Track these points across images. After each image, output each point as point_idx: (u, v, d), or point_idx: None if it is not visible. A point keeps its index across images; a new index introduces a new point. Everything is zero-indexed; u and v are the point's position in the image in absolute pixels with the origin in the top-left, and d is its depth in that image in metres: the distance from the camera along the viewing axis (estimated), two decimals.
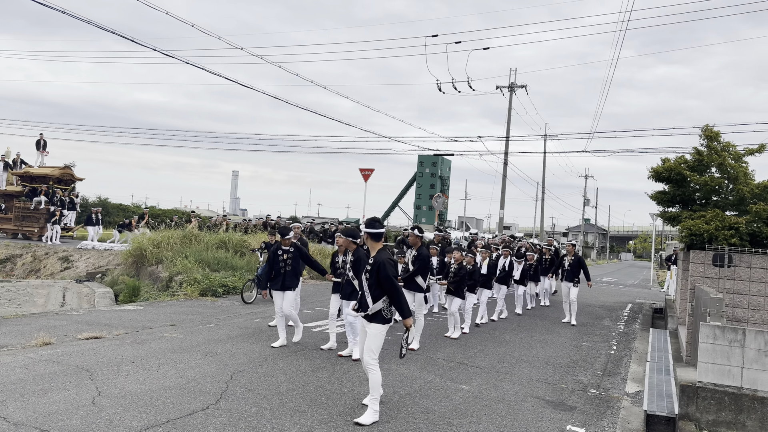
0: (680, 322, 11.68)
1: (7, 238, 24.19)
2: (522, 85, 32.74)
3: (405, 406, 6.06)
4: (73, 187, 26.12)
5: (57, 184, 24.84)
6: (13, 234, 24.68)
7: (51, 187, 24.39)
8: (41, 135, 26.17)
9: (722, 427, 6.12)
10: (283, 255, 8.44)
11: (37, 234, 23.69)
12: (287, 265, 8.38)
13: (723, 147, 12.50)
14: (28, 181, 25.11)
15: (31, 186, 24.90)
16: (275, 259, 8.45)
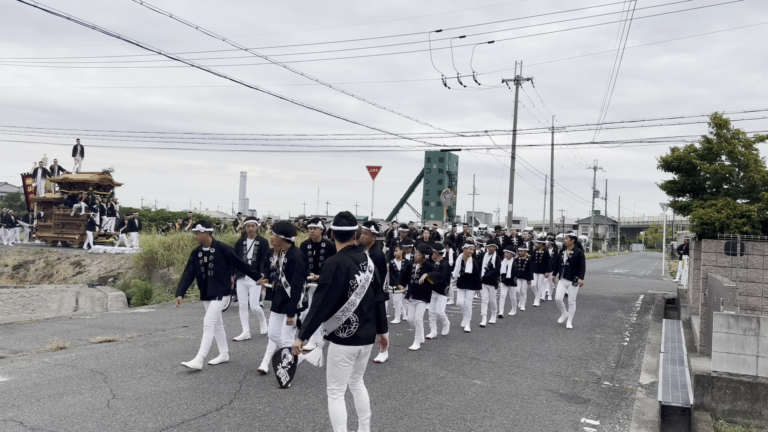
0: (693, 312, 11.60)
1: (47, 245, 23.73)
2: (528, 78, 32.60)
3: (418, 402, 6.06)
4: (112, 193, 25.67)
5: (96, 190, 24.45)
6: (53, 242, 24.17)
7: (91, 193, 23.96)
8: (78, 141, 25.68)
9: (738, 416, 6.08)
10: (203, 258, 7.13)
11: (78, 241, 23.16)
12: (209, 269, 7.08)
13: (733, 134, 12.39)
14: (67, 188, 24.64)
15: (70, 192, 24.42)
16: (195, 264, 7.14)
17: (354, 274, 4.30)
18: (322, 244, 8.03)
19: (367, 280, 4.39)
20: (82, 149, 25.71)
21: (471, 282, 10.10)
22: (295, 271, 6.39)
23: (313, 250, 8.05)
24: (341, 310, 4.26)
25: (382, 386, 6.55)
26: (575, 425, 5.61)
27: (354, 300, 4.29)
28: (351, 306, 4.29)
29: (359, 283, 4.32)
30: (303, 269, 6.47)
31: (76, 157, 25.52)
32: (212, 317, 6.98)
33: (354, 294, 4.30)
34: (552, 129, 40.06)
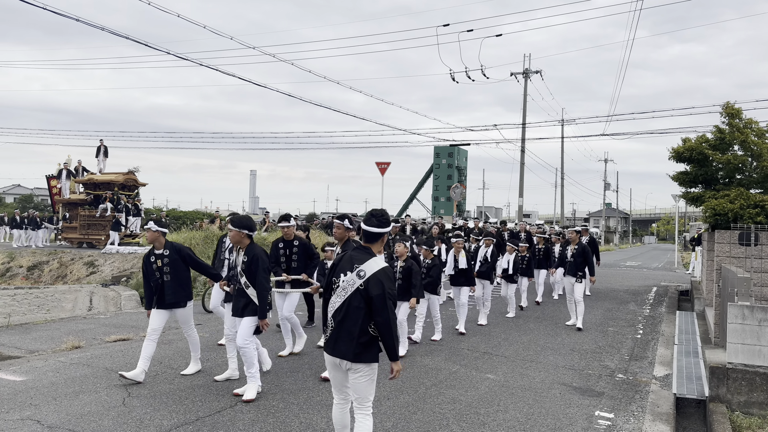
0: (707, 304, 11.52)
1: (73, 247, 23.64)
2: (537, 71, 32.45)
3: (431, 396, 6.07)
4: (137, 193, 25.37)
5: (121, 190, 24.12)
6: (79, 243, 24.01)
7: (116, 193, 23.59)
8: (101, 141, 25.32)
9: (755, 407, 6.03)
10: (156, 261, 6.40)
11: (104, 242, 22.90)
12: (164, 273, 6.34)
13: (745, 124, 12.27)
14: (91, 189, 24.31)
15: (95, 193, 24.11)
16: (148, 269, 6.45)
17: (340, 273, 3.86)
18: (295, 242, 7.57)
19: (351, 284, 3.80)
20: (105, 150, 25.37)
21: (465, 278, 9.46)
22: (259, 269, 5.77)
23: (285, 248, 7.58)
24: (327, 309, 3.95)
25: (394, 381, 6.56)
26: (589, 418, 5.59)
27: (334, 301, 3.87)
28: (330, 307, 3.90)
29: (340, 284, 3.85)
30: (267, 266, 5.89)
31: (100, 157, 25.18)
32: (188, 322, 6.59)
33: (335, 295, 3.88)
34: (562, 122, 39.88)
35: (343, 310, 3.80)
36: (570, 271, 10.31)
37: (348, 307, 3.79)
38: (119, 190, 23.88)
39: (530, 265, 12.47)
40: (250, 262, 5.79)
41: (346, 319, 3.79)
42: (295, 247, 7.56)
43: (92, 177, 24.71)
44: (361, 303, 3.76)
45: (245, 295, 5.81)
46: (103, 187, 24.13)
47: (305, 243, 7.66)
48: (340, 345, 3.79)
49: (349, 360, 3.78)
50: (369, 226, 3.94)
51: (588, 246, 10.75)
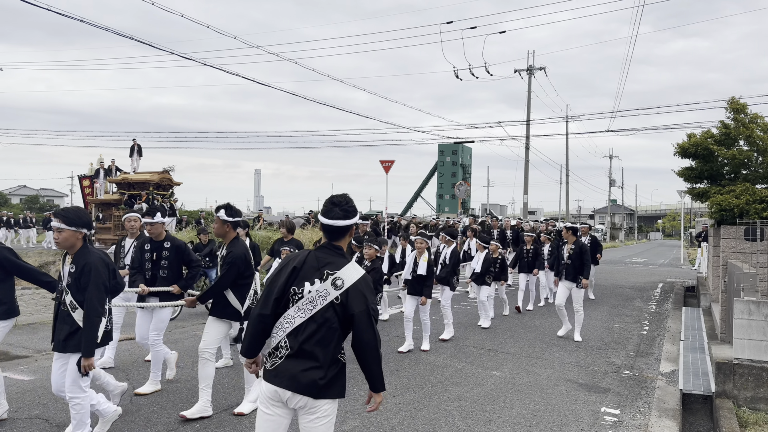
0: (713, 300, 11.49)
1: (107, 248, 23.61)
2: (541, 67, 32.36)
3: (437, 393, 6.08)
4: (172, 193, 24.96)
5: (156, 190, 23.65)
6: (113, 244, 23.77)
7: (151, 193, 23.17)
8: (134, 140, 24.81)
9: (761, 403, 6.02)
10: None
11: None
12: None
13: (750, 119, 12.21)
14: (126, 188, 23.93)
15: (129, 193, 23.65)
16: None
17: (304, 281, 2.90)
18: (166, 244, 6.03)
19: (323, 296, 2.87)
20: (139, 148, 24.75)
21: (420, 286, 7.90)
22: (91, 285, 4.19)
23: (153, 252, 6.04)
24: (276, 325, 2.92)
25: (400, 378, 6.58)
26: (595, 414, 5.59)
27: (291, 316, 2.87)
28: (287, 323, 2.88)
29: (305, 295, 2.88)
30: (103, 281, 4.25)
31: (134, 156, 24.63)
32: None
33: (295, 308, 2.87)
34: (566, 118, 39.78)
35: (308, 329, 2.86)
36: (568, 275, 8.98)
37: (316, 326, 2.86)
38: (154, 189, 23.40)
39: (504, 267, 10.89)
40: (80, 274, 4.23)
41: (312, 342, 2.85)
42: (165, 251, 5.97)
43: (126, 176, 24.26)
44: (335, 321, 2.88)
45: (70, 320, 4.26)
46: (137, 186, 23.59)
47: (179, 245, 6.06)
48: (300, 376, 2.83)
49: (312, 396, 2.83)
50: (333, 219, 3.00)
51: (586, 246, 9.44)
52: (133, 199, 23.24)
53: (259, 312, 2.95)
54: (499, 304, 11.36)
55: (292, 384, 2.82)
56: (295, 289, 2.90)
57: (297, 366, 2.84)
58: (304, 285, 2.90)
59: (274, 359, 2.89)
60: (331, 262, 2.94)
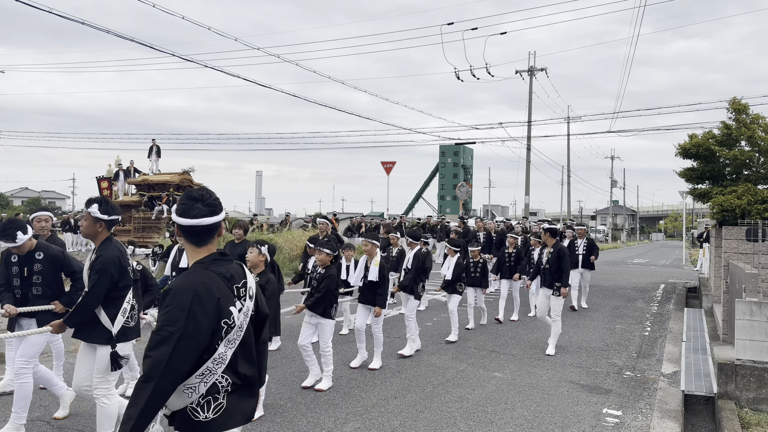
0: (715, 300, 11.47)
1: None
2: (542, 68, 32.37)
3: (438, 395, 6.07)
4: None
5: (176, 191, 22.99)
6: None
7: (171, 194, 22.58)
8: (153, 141, 24.57)
9: (763, 404, 6.01)
10: None
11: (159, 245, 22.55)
12: None
13: (752, 119, 12.22)
14: (145, 190, 23.54)
15: (149, 194, 23.31)
16: None
17: (229, 308, 2.42)
18: (38, 255, 4.88)
19: (247, 314, 2.50)
20: (158, 149, 24.42)
21: (372, 294, 6.99)
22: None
23: (21, 265, 4.87)
24: (199, 373, 2.36)
25: (402, 380, 6.58)
26: (597, 416, 5.58)
27: (224, 353, 2.40)
28: (218, 364, 2.39)
29: (236, 323, 2.44)
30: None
31: (152, 157, 24.28)
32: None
33: (225, 342, 2.41)
34: (568, 119, 39.79)
35: (245, 352, 2.52)
36: (546, 282, 8.16)
37: (248, 347, 2.54)
38: (174, 191, 23.00)
39: (485, 272, 9.67)
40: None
41: (246, 365, 2.52)
42: (37, 263, 4.88)
43: (146, 178, 23.87)
44: (252, 335, 2.56)
45: None
46: (158, 188, 23.22)
47: (54, 256, 4.95)
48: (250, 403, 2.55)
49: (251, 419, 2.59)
50: (196, 218, 2.44)
51: (565, 249, 8.29)
52: (154, 201, 22.98)
53: (172, 380, 2.26)
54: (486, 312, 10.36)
55: (245, 418, 2.51)
56: (227, 322, 2.40)
57: (247, 397, 2.52)
58: (231, 313, 2.42)
59: (217, 405, 2.41)
60: (234, 273, 2.50)
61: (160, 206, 22.51)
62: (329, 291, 6.13)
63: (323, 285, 6.14)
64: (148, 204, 23.23)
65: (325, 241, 6.56)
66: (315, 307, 6.15)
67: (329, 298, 6.16)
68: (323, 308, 6.14)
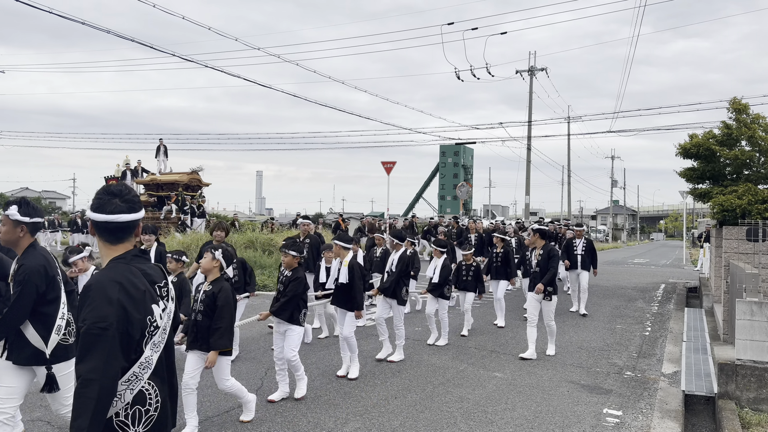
0: (715, 300, 11.46)
1: None
2: (542, 68, 32.35)
3: (438, 395, 6.07)
4: (201, 193, 24.12)
5: (185, 191, 22.90)
6: None
7: (180, 194, 22.38)
8: (161, 141, 24.33)
9: (764, 404, 6.00)
10: None
11: None
12: None
13: (753, 119, 12.20)
14: (154, 190, 23.37)
15: (157, 194, 23.17)
16: None
17: (152, 305, 2.25)
18: None
19: (170, 316, 2.36)
20: (165, 149, 24.23)
21: (344, 297, 6.66)
22: None
23: None
24: (125, 379, 2.14)
25: (402, 380, 6.57)
26: (597, 416, 5.58)
27: (150, 357, 2.21)
28: (144, 369, 2.19)
29: (160, 324, 2.27)
30: None
31: (160, 157, 24.09)
32: None
33: (151, 345, 2.22)
34: (568, 119, 39.77)
35: (164, 361, 2.31)
36: (535, 286, 7.74)
37: (167, 353, 2.34)
38: (183, 190, 22.75)
39: (478, 275, 9.24)
40: None
41: (171, 371, 2.37)
42: None
43: (155, 178, 23.64)
44: (173, 342, 2.42)
45: None
46: (166, 187, 23.01)
47: None
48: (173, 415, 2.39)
49: None
50: (113, 213, 2.25)
51: (556, 251, 8.01)
52: (163, 200, 22.79)
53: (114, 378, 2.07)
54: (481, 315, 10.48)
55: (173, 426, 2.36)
56: (152, 320, 2.23)
57: (169, 407, 2.33)
58: (154, 311, 2.26)
59: (148, 417, 2.21)
60: (154, 272, 2.35)
61: (169, 206, 22.29)
62: (296, 295, 5.76)
63: (289, 289, 5.76)
64: (157, 204, 23.05)
65: (290, 242, 6.14)
66: (280, 313, 5.77)
67: (296, 303, 5.78)
68: (290, 314, 5.75)
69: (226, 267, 5.09)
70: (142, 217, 2.38)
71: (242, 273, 7.50)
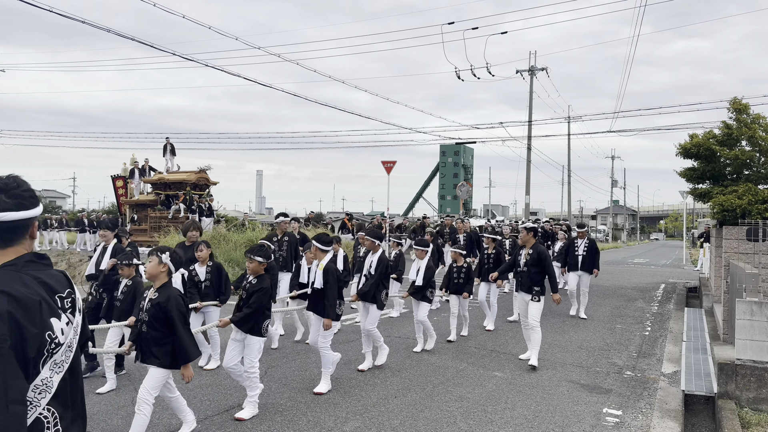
0: (715, 300, 11.46)
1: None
2: (542, 68, 32.34)
3: (438, 394, 6.07)
4: (209, 192, 23.76)
5: (193, 190, 22.57)
6: (148, 246, 22.62)
7: (188, 193, 22.09)
8: (167, 139, 24.01)
9: (764, 404, 6.00)
10: None
11: None
12: None
13: (753, 119, 12.21)
14: (162, 189, 23.07)
15: (165, 193, 22.83)
16: None
17: (51, 319, 1.86)
18: None
19: (76, 331, 1.99)
20: (172, 148, 23.96)
21: (320, 303, 6.20)
22: None
23: None
24: None
25: (402, 379, 6.57)
26: (597, 415, 5.58)
27: (49, 379, 1.84)
28: (41, 393, 1.83)
29: (62, 340, 1.89)
30: None
31: (167, 156, 23.83)
32: None
33: (51, 365, 1.86)
34: (568, 119, 39.76)
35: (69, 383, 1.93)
36: (523, 286, 7.50)
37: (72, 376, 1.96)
38: (191, 189, 22.44)
39: (470, 277, 8.78)
40: None
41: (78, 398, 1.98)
42: None
43: (163, 177, 23.41)
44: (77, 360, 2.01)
45: None
46: (174, 186, 22.76)
47: None
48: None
49: None
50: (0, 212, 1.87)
51: (546, 252, 7.63)
52: (171, 200, 22.52)
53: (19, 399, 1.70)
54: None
55: None
56: (51, 335, 1.84)
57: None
58: (53, 326, 1.87)
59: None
60: (55, 281, 1.97)
61: (177, 205, 22.00)
62: (260, 307, 5.36)
63: (254, 300, 5.34)
64: (165, 203, 22.79)
65: (256, 246, 5.62)
66: (242, 324, 5.37)
67: (259, 315, 5.36)
68: (251, 326, 5.36)
69: (174, 271, 4.70)
70: (38, 215, 2.00)
71: (217, 279, 6.91)
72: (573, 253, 11.45)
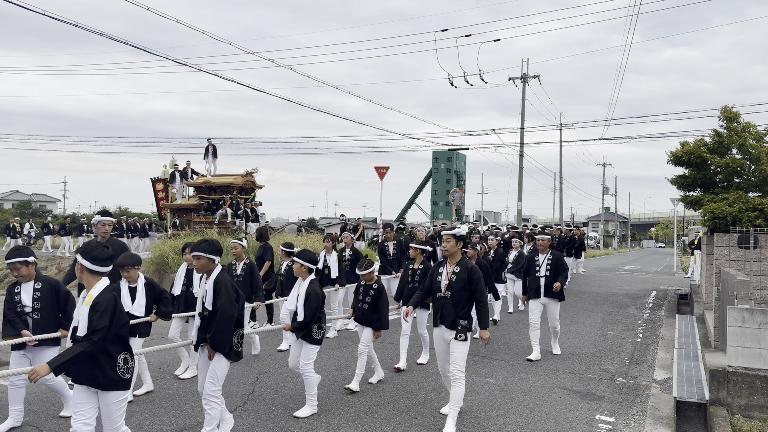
0: (707, 307, 11.51)
1: None
2: (535, 75, 32.49)
3: (431, 401, 6.05)
4: (254, 196, 22.65)
5: (239, 194, 21.57)
6: None
7: (235, 197, 20.98)
8: (209, 141, 22.49)
9: (755, 411, 6.02)
10: None
11: None
12: None
13: (743, 128, 12.32)
14: (207, 193, 21.71)
15: (210, 197, 21.59)
16: None
17: None
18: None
19: None
20: (214, 149, 22.52)
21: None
22: None
23: None
24: None
25: (395, 386, 6.55)
26: (590, 422, 5.58)
27: None
28: None
29: None
30: None
31: (209, 158, 22.37)
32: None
33: None
34: (560, 126, 39.92)
35: None
36: (445, 319, 5.39)
37: None
38: (237, 193, 21.38)
39: None
40: None
41: None
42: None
43: (208, 180, 21.98)
44: None
45: None
46: (220, 190, 21.51)
47: None
48: None
49: None
50: None
51: (479, 271, 5.37)
52: (217, 204, 21.35)
53: None
54: None
55: None
56: None
57: None
58: None
59: None
60: None
61: (224, 210, 20.80)
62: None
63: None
64: (211, 207, 21.52)
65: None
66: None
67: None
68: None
69: None
70: None
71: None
72: (534, 274, 8.35)
